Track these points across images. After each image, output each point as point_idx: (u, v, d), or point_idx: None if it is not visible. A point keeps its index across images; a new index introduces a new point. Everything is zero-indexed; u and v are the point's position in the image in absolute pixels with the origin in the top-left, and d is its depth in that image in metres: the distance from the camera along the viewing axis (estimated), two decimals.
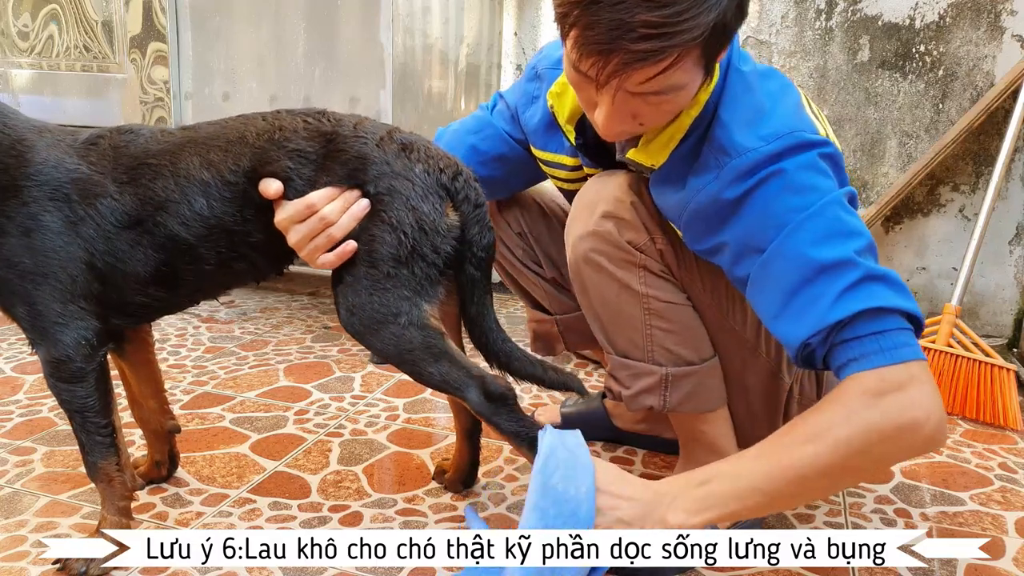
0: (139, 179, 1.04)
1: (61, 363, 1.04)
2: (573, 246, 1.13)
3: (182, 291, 1.13)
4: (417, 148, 1.06)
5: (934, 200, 2.22)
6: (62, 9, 2.53)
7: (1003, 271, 2.21)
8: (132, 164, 1.05)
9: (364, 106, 2.08)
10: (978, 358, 1.76)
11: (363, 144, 1.04)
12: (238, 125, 1.08)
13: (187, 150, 1.05)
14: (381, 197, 1.03)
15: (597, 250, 1.10)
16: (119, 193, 1.03)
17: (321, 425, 1.59)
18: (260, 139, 1.05)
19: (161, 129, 1.09)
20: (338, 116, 1.08)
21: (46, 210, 1.01)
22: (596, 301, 1.15)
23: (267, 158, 1.04)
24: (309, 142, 1.05)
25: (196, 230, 1.04)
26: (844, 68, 2.20)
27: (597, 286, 1.12)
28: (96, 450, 1.08)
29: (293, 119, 1.07)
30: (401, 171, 1.03)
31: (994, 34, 2.09)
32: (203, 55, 2.22)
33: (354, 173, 1.03)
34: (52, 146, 1.04)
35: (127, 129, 1.08)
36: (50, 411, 1.61)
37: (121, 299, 1.07)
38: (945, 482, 1.43)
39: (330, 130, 1.06)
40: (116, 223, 1.03)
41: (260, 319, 2.34)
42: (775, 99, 0.99)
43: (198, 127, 1.09)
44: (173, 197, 1.03)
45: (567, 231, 1.16)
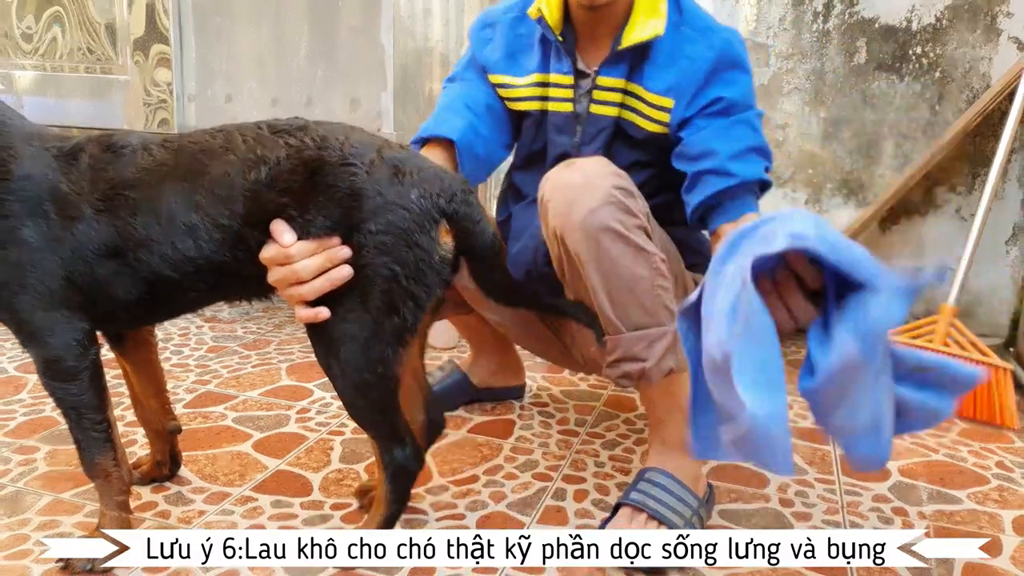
0: (117, 210, 1.00)
1: (53, 363, 1.04)
2: (585, 220, 1.14)
3: (167, 312, 1.13)
4: (409, 170, 1.00)
5: (931, 201, 2.23)
6: (65, 11, 2.54)
7: (999, 271, 2.22)
8: (109, 191, 1.00)
9: (365, 108, 2.09)
10: (975, 358, 1.77)
11: (353, 176, 0.98)
12: (219, 152, 1.01)
13: (168, 187, 1.00)
14: (380, 238, 0.98)
15: (616, 218, 1.14)
16: (96, 221, 1.00)
17: (323, 424, 1.60)
18: (247, 179, 0.99)
19: (144, 144, 1.04)
20: (321, 133, 1.01)
21: (24, 225, 0.99)
22: (611, 272, 1.16)
23: (261, 202, 0.99)
24: (295, 176, 0.99)
25: (183, 269, 1.01)
26: (841, 70, 2.21)
27: (615, 255, 1.15)
28: (92, 446, 1.08)
29: (275, 144, 1.00)
30: (396, 200, 0.98)
31: (990, 36, 2.10)
32: (206, 57, 2.22)
33: (349, 213, 0.98)
34: (36, 157, 1.01)
35: (109, 144, 1.04)
36: (53, 410, 1.62)
37: (105, 312, 1.06)
38: (942, 481, 1.44)
39: (314, 156, 0.99)
40: (94, 251, 1.00)
41: (262, 318, 2.34)
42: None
43: (179, 147, 1.03)
44: (156, 237, 1.00)
45: (564, 212, 1.15)
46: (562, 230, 1.16)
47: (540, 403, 1.76)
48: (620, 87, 1.28)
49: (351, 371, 1.02)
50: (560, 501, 1.32)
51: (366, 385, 1.03)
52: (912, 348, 0.87)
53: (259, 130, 1.03)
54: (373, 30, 2.02)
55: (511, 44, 1.35)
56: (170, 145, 1.04)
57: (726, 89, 1.24)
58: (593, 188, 1.14)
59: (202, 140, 1.03)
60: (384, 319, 1.00)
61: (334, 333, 1.02)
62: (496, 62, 1.36)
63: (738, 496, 1.35)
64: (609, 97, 1.29)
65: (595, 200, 1.13)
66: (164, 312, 1.13)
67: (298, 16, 2.10)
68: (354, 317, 1.01)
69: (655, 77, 1.27)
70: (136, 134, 1.07)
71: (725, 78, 1.25)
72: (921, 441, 1.62)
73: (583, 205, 1.14)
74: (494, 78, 1.36)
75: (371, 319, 1.00)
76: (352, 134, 1.03)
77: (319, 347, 1.04)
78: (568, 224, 1.15)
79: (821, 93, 2.24)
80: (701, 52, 1.25)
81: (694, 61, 1.25)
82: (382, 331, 1.01)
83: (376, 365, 1.02)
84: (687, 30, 1.27)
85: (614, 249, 1.15)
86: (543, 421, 1.65)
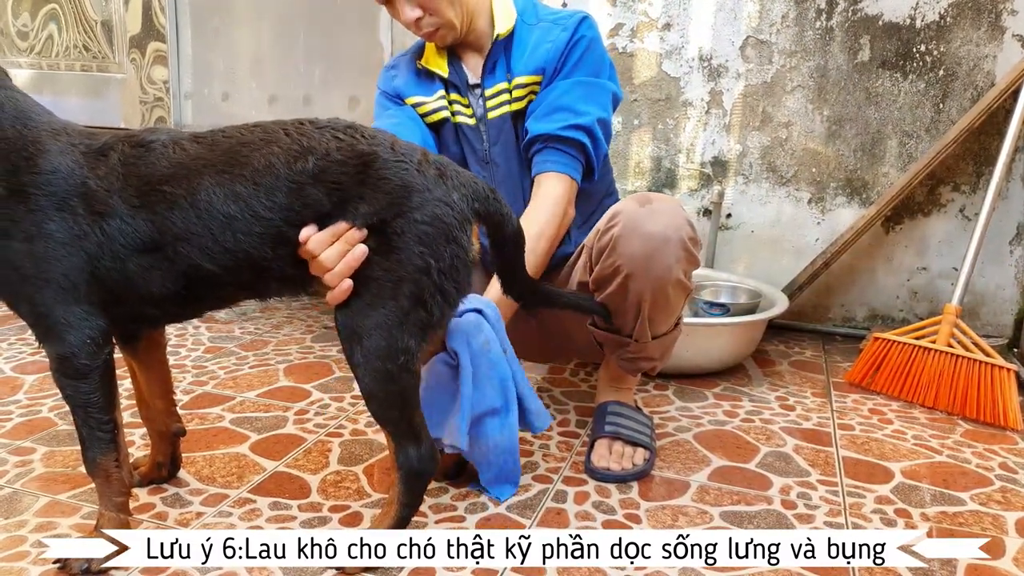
0: (154, 206, 1.00)
1: (66, 359, 1.03)
2: (660, 277, 1.30)
3: (198, 309, 1.14)
4: (451, 173, 1.06)
5: (935, 200, 2.22)
6: (61, 9, 2.53)
7: (1003, 271, 2.21)
8: (143, 187, 1.01)
9: (364, 107, 2.09)
10: (978, 358, 1.76)
11: (405, 171, 1.02)
12: (259, 144, 1.02)
13: (206, 178, 1.00)
14: (423, 227, 1.01)
15: (684, 270, 1.32)
16: (131, 217, 1.00)
17: (321, 425, 1.59)
18: (292, 169, 1.00)
19: (174, 140, 1.04)
20: (370, 132, 1.05)
21: (51, 219, 0.99)
22: (664, 308, 1.36)
23: (305, 196, 1.00)
24: (344, 168, 1.01)
25: (222, 261, 1.02)
26: (845, 68, 2.20)
27: (673, 299, 1.35)
28: (96, 446, 1.08)
29: (323, 136, 1.02)
30: (442, 198, 1.03)
31: (994, 34, 2.08)
32: (203, 55, 2.22)
33: (396, 202, 1.01)
34: (64, 152, 1.01)
35: (138, 141, 1.04)
36: (50, 411, 1.61)
37: (130, 311, 1.06)
38: (945, 482, 1.43)
39: (367, 150, 1.02)
40: (128, 246, 1.00)
41: (260, 319, 2.34)
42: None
43: (214, 141, 1.04)
44: (195, 230, 1.00)
45: (639, 263, 1.29)
46: (631, 272, 1.30)
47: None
48: (504, 88, 1.46)
49: (374, 359, 1.03)
50: (560, 503, 1.31)
51: (387, 376, 1.04)
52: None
53: (304, 125, 1.05)
54: (372, 29, 2.01)
55: (413, 75, 1.53)
56: (204, 140, 1.04)
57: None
58: (670, 244, 1.28)
59: (240, 133, 1.05)
60: (411, 311, 1.02)
61: (361, 321, 1.03)
62: (405, 90, 1.52)
63: (740, 498, 1.34)
64: (498, 100, 1.47)
65: (671, 258, 1.29)
66: (195, 308, 1.13)
67: (296, 14, 2.10)
68: (382, 306, 1.02)
69: (521, 56, 1.46)
70: (163, 130, 1.07)
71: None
72: (924, 442, 1.61)
73: (660, 263, 1.29)
74: (409, 100, 1.52)
75: (399, 309, 1.02)
76: (396, 138, 1.07)
77: (344, 334, 1.05)
78: (641, 273, 1.30)
79: (824, 91, 2.22)
80: (557, 35, 1.45)
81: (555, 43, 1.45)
82: (408, 322, 1.02)
83: (399, 355, 1.03)
84: (545, 19, 1.48)
85: (674, 296, 1.35)
86: None
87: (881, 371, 1.88)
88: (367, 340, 1.03)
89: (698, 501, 1.33)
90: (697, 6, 2.27)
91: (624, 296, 1.33)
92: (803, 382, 1.94)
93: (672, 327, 1.44)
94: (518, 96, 1.46)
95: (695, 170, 2.37)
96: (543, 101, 1.43)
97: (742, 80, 2.27)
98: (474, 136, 1.51)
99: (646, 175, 2.41)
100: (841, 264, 2.28)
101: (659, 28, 2.31)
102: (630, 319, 1.37)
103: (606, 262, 1.33)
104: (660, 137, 2.37)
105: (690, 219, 1.33)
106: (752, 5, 2.23)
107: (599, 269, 1.35)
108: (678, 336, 1.47)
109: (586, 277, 1.41)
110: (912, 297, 2.29)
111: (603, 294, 1.36)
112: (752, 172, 2.32)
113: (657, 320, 1.38)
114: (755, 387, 1.90)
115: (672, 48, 2.31)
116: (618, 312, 1.37)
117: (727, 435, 1.60)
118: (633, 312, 1.35)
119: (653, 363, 1.46)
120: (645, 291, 1.31)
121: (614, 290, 1.34)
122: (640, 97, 2.36)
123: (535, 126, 1.43)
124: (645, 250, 1.28)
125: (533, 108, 1.45)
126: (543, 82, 1.45)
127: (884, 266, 2.29)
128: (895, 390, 1.85)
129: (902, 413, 1.76)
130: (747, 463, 1.48)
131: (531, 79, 1.45)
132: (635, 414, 1.49)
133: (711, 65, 2.29)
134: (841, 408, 1.78)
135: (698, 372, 1.94)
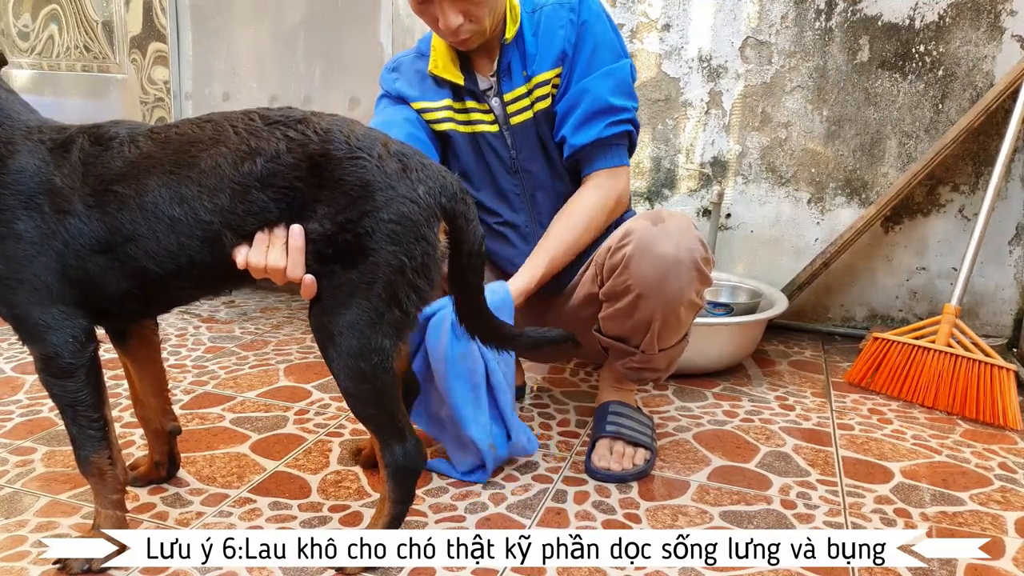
0: (106, 206, 0.99)
1: (51, 359, 1.03)
2: (672, 298, 1.29)
3: (158, 308, 1.14)
4: (415, 166, 1.01)
5: (934, 200, 2.22)
6: (62, 9, 2.53)
7: (1003, 271, 2.21)
8: (98, 186, 1.00)
9: (364, 106, 2.09)
10: (978, 358, 1.76)
11: (363, 168, 0.98)
12: (208, 144, 0.99)
13: (153, 179, 0.99)
14: (392, 227, 0.98)
15: (696, 290, 1.32)
16: (87, 217, 0.99)
17: (321, 425, 1.59)
18: (238, 171, 0.97)
19: (131, 136, 1.02)
20: (323, 126, 1.00)
21: (19, 219, 0.98)
22: (675, 327, 1.36)
23: (250, 201, 0.98)
24: (296, 172, 0.97)
25: (167, 266, 1.01)
26: (844, 68, 2.20)
27: (684, 319, 1.36)
28: (88, 444, 1.07)
29: (272, 135, 0.98)
30: (407, 194, 0.99)
31: (994, 34, 2.09)
32: (203, 55, 2.22)
33: (358, 201, 0.97)
34: (32, 152, 1.00)
35: (98, 135, 1.02)
36: (50, 411, 1.61)
37: (99, 307, 1.05)
38: (945, 482, 1.43)
39: (319, 150, 0.98)
40: (86, 246, 1.00)
41: (260, 319, 2.34)
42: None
43: (167, 138, 1.01)
44: (141, 232, 0.99)
45: (652, 284, 1.28)
46: (642, 293, 1.30)
47: (540, 404, 1.75)
48: (524, 91, 1.42)
49: (347, 359, 1.02)
50: (560, 503, 1.31)
51: (362, 375, 1.03)
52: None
53: (253, 120, 1.01)
54: (372, 28, 2.01)
55: (417, 79, 1.48)
56: (158, 136, 1.02)
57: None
58: (683, 266, 1.28)
59: (192, 129, 1.02)
60: (385, 310, 1.00)
61: (333, 320, 1.02)
62: (410, 93, 1.47)
63: (740, 498, 1.34)
64: (519, 104, 1.43)
65: (683, 279, 1.28)
66: (156, 307, 1.14)
67: (296, 14, 2.10)
68: (355, 305, 1.00)
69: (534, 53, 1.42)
70: (124, 124, 1.05)
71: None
72: (924, 442, 1.61)
73: (672, 284, 1.28)
74: (415, 105, 1.47)
75: (372, 310, 1.00)
76: (355, 127, 1.02)
77: (319, 335, 1.04)
78: (653, 294, 1.29)
79: (824, 91, 2.23)
80: (567, 25, 1.41)
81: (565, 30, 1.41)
82: (383, 322, 1.01)
83: (372, 355, 1.02)
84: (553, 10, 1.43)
85: (685, 315, 1.35)
86: (543, 423, 1.64)
87: (880, 371, 1.88)
88: (340, 339, 1.01)
89: (698, 501, 1.33)
90: (696, 7, 2.27)
91: (634, 313, 1.33)
92: (803, 382, 1.94)
93: (680, 340, 1.43)
94: (540, 96, 1.42)
95: (695, 170, 2.37)
96: (575, 105, 1.39)
97: (741, 80, 2.28)
98: (499, 144, 1.46)
99: (646, 175, 2.41)
100: (840, 264, 2.28)
101: (659, 29, 2.31)
102: (639, 334, 1.37)
103: (618, 279, 1.32)
104: (660, 137, 2.38)
105: (702, 238, 1.32)
106: (751, 6, 2.23)
107: (611, 285, 1.35)
108: (685, 347, 1.46)
109: (595, 289, 1.41)
110: (911, 297, 2.29)
111: (612, 307, 1.36)
112: (752, 172, 2.33)
113: (666, 336, 1.38)
114: (755, 387, 1.90)
115: (672, 49, 2.31)
116: (627, 327, 1.37)
117: (727, 435, 1.61)
118: (643, 329, 1.35)
119: (658, 374, 1.46)
120: (656, 311, 1.31)
121: (624, 306, 1.34)
122: (640, 97, 2.35)
123: (577, 137, 1.39)
124: (657, 272, 1.28)
125: (563, 111, 1.40)
126: (563, 71, 1.40)
127: (883, 266, 2.29)
128: (895, 390, 1.85)
129: (901, 413, 1.76)
130: (747, 463, 1.48)
131: (551, 73, 1.40)
132: (636, 414, 1.50)
133: (710, 66, 2.29)
134: (841, 408, 1.78)
135: (698, 372, 1.94)
